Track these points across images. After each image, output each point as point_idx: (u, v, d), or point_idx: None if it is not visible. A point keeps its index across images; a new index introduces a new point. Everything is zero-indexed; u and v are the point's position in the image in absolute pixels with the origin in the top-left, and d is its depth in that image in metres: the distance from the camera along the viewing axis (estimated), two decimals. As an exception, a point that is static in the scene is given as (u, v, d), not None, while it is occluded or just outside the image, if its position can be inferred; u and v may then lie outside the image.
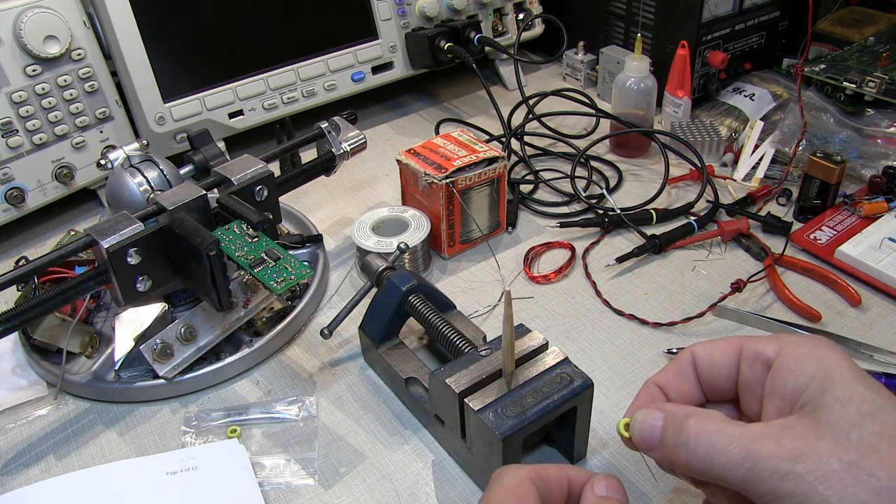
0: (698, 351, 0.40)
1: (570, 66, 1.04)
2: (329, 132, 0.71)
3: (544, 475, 0.37)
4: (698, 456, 0.34)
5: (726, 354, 0.39)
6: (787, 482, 0.32)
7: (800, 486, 0.31)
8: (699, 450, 0.34)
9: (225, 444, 0.54)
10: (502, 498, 0.35)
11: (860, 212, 0.72)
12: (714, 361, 0.39)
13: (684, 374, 0.40)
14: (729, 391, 0.39)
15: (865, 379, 0.34)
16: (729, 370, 0.39)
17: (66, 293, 0.53)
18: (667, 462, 0.37)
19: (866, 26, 0.96)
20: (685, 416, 0.36)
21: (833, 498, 0.31)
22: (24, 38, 0.71)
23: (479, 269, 0.71)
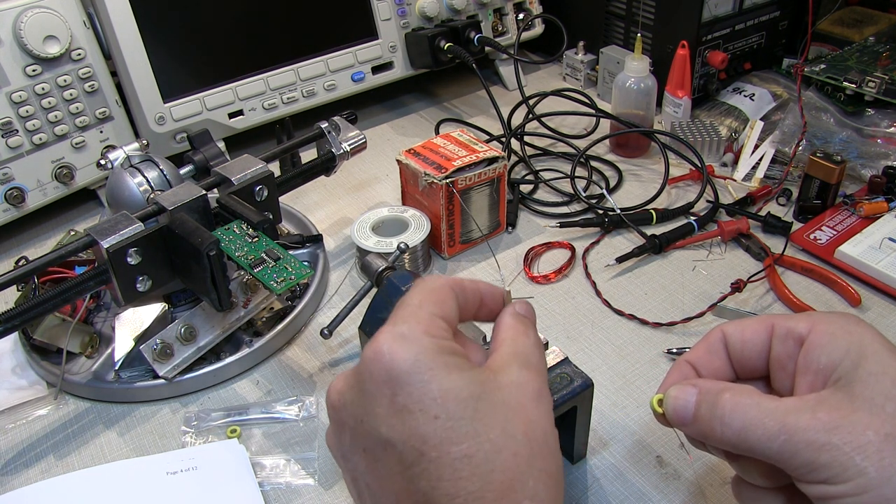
0: (729, 329, 0.41)
1: (570, 66, 1.04)
2: (329, 132, 0.71)
3: (461, 285, 0.39)
4: (734, 429, 0.35)
5: (757, 332, 0.39)
6: (823, 453, 0.32)
7: (837, 457, 0.32)
8: (735, 423, 0.35)
9: (225, 444, 0.54)
10: (426, 297, 0.37)
11: (860, 212, 0.72)
12: (745, 339, 0.40)
13: (715, 351, 0.41)
14: (760, 368, 0.40)
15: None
16: (760, 347, 0.39)
17: (66, 293, 0.53)
18: (700, 436, 0.38)
19: (866, 26, 0.96)
20: (719, 391, 0.36)
21: (870, 468, 0.31)
22: (24, 38, 0.71)
23: (479, 269, 0.71)
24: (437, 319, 0.36)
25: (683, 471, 0.51)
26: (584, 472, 0.51)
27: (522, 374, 0.36)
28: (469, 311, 0.40)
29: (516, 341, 0.38)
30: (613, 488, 0.50)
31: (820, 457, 0.32)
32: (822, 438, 0.32)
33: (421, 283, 0.38)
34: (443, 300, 0.37)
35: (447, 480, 0.32)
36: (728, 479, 0.50)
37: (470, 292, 0.39)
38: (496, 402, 0.34)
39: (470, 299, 0.39)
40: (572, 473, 0.51)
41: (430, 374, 0.34)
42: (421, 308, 0.36)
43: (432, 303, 0.37)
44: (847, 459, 0.32)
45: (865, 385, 0.33)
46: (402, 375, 0.34)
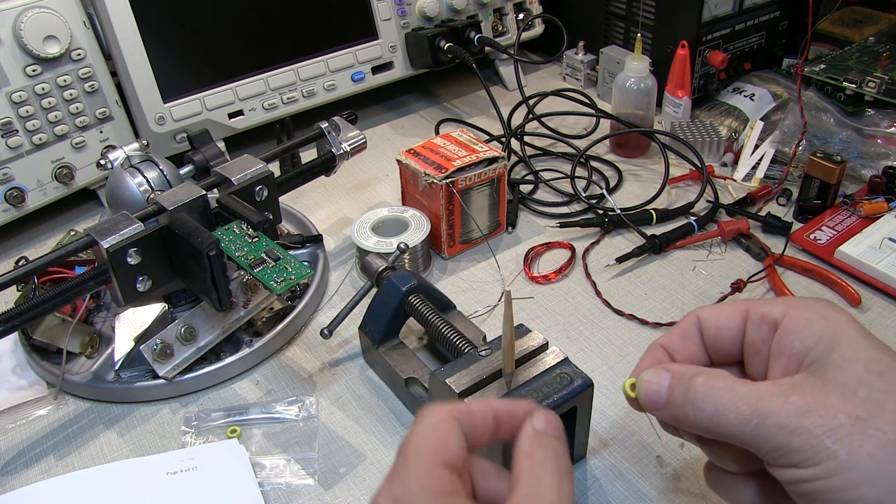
0: (704, 314, 0.40)
1: (570, 66, 1.04)
2: (329, 132, 0.71)
3: (467, 411, 0.36)
4: (707, 413, 0.35)
5: (732, 317, 0.39)
6: (795, 437, 0.32)
7: (808, 441, 0.32)
8: (707, 407, 0.35)
9: (225, 444, 0.54)
10: (424, 436, 0.34)
11: (860, 212, 0.72)
12: (720, 324, 0.39)
13: (690, 336, 0.40)
14: (734, 353, 0.39)
15: (872, 339, 0.35)
16: (735, 332, 0.39)
17: (66, 293, 0.53)
18: (673, 421, 0.37)
19: (866, 26, 0.96)
20: (693, 375, 0.36)
21: (840, 451, 0.31)
22: (24, 38, 0.71)
23: (479, 269, 0.71)
24: (436, 469, 0.33)
25: (683, 471, 0.51)
26: (584, 472, 0.51)
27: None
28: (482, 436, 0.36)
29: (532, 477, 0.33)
30: (613, 488, 0.50)
31: (791, 440, 0.32)
32: (794, 422, 0.32)
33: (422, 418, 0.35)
34: (443, 440, 0.34)
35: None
36: (728, 479, 0.50)
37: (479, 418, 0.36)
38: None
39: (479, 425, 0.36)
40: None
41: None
42: (419, 458, 0.33)
43: (431, 448, 0.34)
44: (818, 443, 0.32)
45: (839, 369, 0.33)
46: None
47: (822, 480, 0.32)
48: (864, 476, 0.31)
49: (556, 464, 0.34)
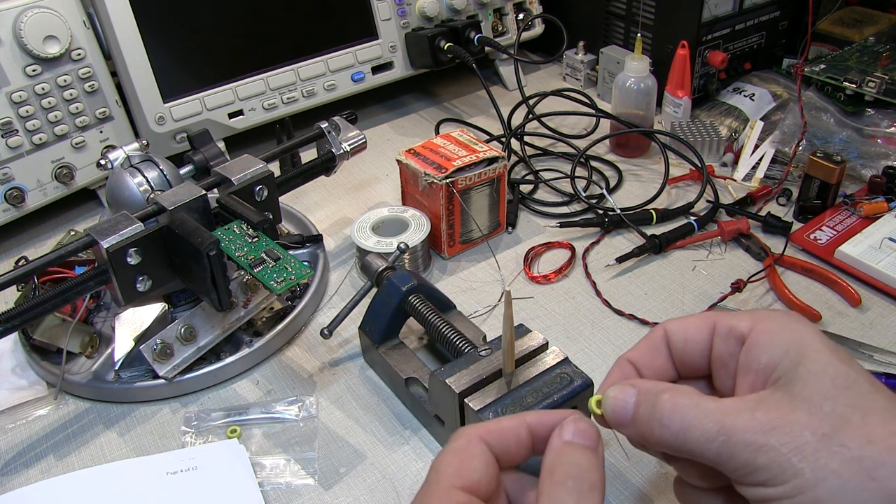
0: (671, 327, 0.40)
1: (570, 66, 1.04)
2: (329, 132, 0.71)
3: (497, 430, 0.35)
4: (672, 430, 0.34)
5: (700, 330, 0.39)
6: (761, 455, 0.32)
7: (774, 459, 0.31)
8: (673, 424, 0.34)
9: (225, 444, 0.54)
10: (448, 461, 0.34)
11: (860, 212, 0.72)
12: (687, 337, 0.39)
13: (657, 349, 0.40)
14: (702, 367, 0.39)
15: (839, 353, 0.34)
16: (702, 346, 0.38)
17: (66, 293, 0.53)
18: (640, 438, 0.37)
19: (866, 26, 0.96)
20: (659, 392, 0.35)
21: (806, 470, 0.31)
22: (24, 38, 0.71)
23: (479, 269, 0.71)
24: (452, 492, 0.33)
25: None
26: (584, 472, 0.51)
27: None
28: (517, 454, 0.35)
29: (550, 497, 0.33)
30: (613, 488, 0.50)
31: (758, 458, 0.32)
32: (760, 440, 0.32)
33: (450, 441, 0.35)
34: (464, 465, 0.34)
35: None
36: (728, 479, 0.50)
37: (511, 435, 0.35)
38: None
39: (512, 444, 0.35)
40: (572, 473, 0.51)
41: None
42: (437, 484, 0.33)
43: (452, 471, 0.33)
44: (784, 461, 0.31)
45: (805, 384, 0.33)
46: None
47: (789, 499, 0.31)
48: (830, 494, 0.31)
49: (576, 483, 0.33)
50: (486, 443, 0.34)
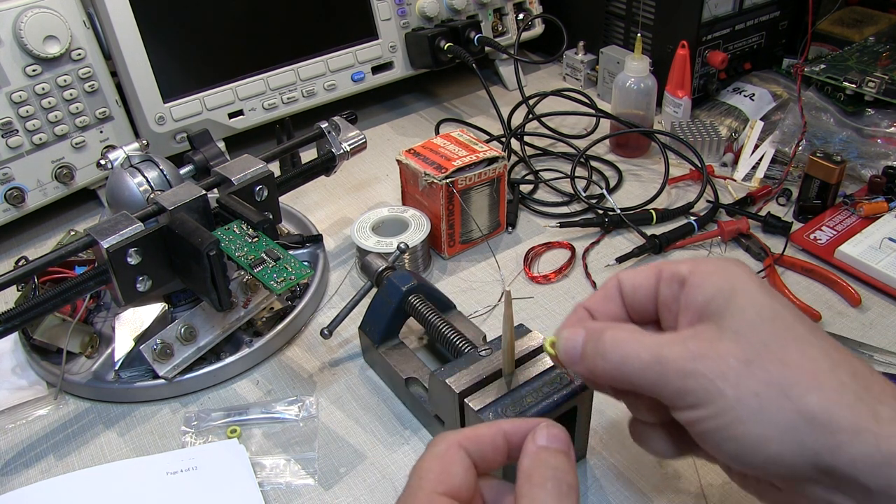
0: (623, 276, 0.42)
1: (570, 66, 1.04)
2: (329, 132, 0.71)
3: (474, 436, 0.36)
4: (613, 362, 0.37)
5: (647, 277, 0.41)
6: (690, 380, 0.34)
7: (702, 383, 0.34)
8: (614, 357, 0.37)
9: (225, 444, 0.54)
10: (430, 466, 0.35)
11: (860, 212, 0.72)
12: (636, 284, 0.41)
13: (610, 297, 0.42)
14: (650, 311, 0.41)
15: (768, 289, 0.37)
16: (649, 291, 0.41)
17: (66, 293, 0.53)
18: (588, 373, 0.39)
19: (866, 26, 0.96)
20: (603, 329, 0.38)
21: (729, 392, 0.34)
22: (24, 38, 0.71)
23: (479, 269, 0.71)
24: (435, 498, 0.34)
25: (683, 471, 0.51)
26: (584, 472, 0.51)
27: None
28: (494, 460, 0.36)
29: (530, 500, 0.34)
30: (613, 488, 0.50)
31: (687, 384, 0.34)
32: (690, 367, 0.35)
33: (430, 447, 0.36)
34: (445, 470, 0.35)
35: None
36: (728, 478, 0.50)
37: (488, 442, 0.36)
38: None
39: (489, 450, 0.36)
40: (572, 473, 0.51)
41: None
42: (420, 489, 0.34)
43: (433, 478, 0.34)
44: (710, 384, 0.34)
45: (733, 317, 0.35)
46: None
47: (714, 419, 0.34)
48: (749, 413, 0.33)
49: (555, 484, 0.34)
50: (465, 449, 0.36)
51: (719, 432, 0.34)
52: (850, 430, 0.32)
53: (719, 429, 0.34)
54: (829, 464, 0.32)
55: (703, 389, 0.34)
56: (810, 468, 0.33)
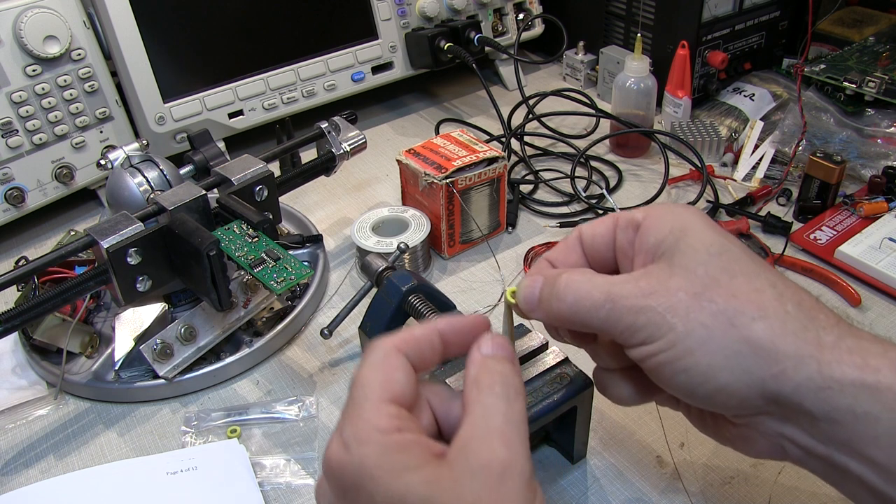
0: (584, 227, 0.43)
1: (570, 66, 1.04)
2: (329, 132, 0.71)
3: (412, 339, 0.37)
4: (567, 303, 0.38)
5: (605, 225, 0.42)
6: (641, 316, 0.35)
7: (652, 318, 0.35)
8: (568, 297, 0.38)
9: (225, 444, 0.54)
10: (371, 376, 0.35)
11: (860, 212, 0.72)
12: (595, 233, 0.42)
13: (571, 248, 0.43)
14: (610, 259, 0.42)
15: (717, 228, 0.38)
16: (607, 238, 0.41)
17: (66, 293, 0.53)
18: (546, 317, 0.40)
19: (866, 26, 0.96)
20: (558, 273, 0.39)
21: (678, 324, 0.35)
22: (24, 38, 0.71)
23: (479, 269, 0.71)
24: (382, 406, 0.34)
25: (683, 471, 0.51)
26: (584, 472, 0.51)
27: (482, 454, 0.32)
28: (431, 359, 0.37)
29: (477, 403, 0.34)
30: (613, 488, 0.50)
31: (638, 319, 0.35)
32: (641, 303, 0.35)
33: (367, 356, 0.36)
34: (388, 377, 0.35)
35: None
36: (728, 478, 0.50)
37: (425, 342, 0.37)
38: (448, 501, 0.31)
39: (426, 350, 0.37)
40: (572, 473, 0.51)
41: (373, 483, 0.32)
42: (366, 399, 0.34)
43: (378, 386, 0.34)
44: (660, 319, 0.35)
45: (683, 255, 0.36)
46: (349, 488, 0.33)
47: (665, 352, 0.35)
48: (697, 343, 0.34)
49: (503, 388, 0.35)
50: (404, 353, 0.36)
51: (671, 365, 0.35)
52: (793, 357, 0.33)
53: (670, 361, 0.35)
54: (775, 391, 0.34)
55: (653, 324, 0.35)
56: (758, 397, 0.34)
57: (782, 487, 0.49)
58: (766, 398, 0.34)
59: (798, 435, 0.35)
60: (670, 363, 0.35)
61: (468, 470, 0.32)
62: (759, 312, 0.34)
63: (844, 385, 0.33)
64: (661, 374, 0.36)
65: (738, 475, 0.50)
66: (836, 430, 0.33)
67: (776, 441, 0.36)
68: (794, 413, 0.34)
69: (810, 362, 0.33)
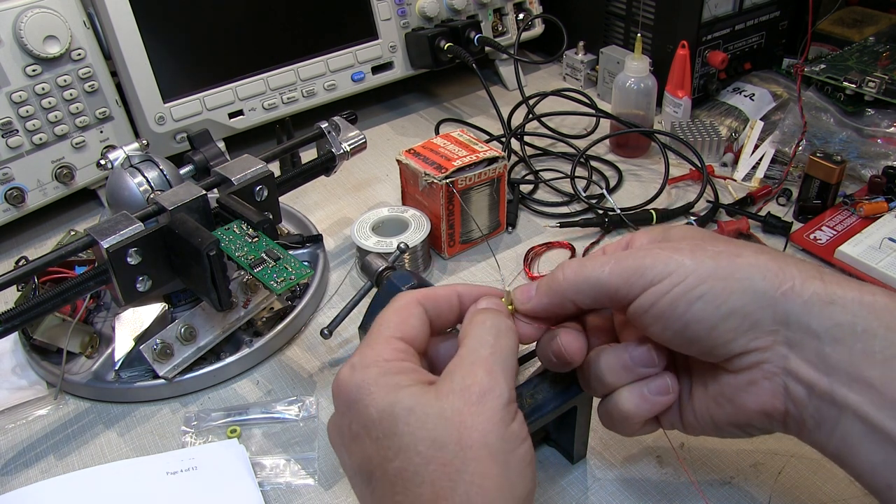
0: None
1: (570, 66, 1.04)
2: (329, 132, 0.71)
3: (432, 295, 0.41)
4: (572, 269, 0.40)
5: None
6: (647, 258, 0.38)
7: (658, 256, 0.38)
8: (571, 266, 0.40)
9: (225, 444, 0.54)
10: (389, 318, 0.39)
11: (860, 212, 0.72)
12: None
13: None
14: None
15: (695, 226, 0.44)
16: None
17: (66, 293, 0.53)
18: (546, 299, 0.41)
19: (866, 26, 0.96)
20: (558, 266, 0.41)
21: (686, 259, 0.37)
22: (24, 38, 0.71)
23: (479, 269, 0.71)
24: (392, 341, 0.38)
25: (683, 471, 0.51)
26: (584, 472, 0.51)
27: (466, 378, 0.36)
28: (447, 317, 0.41)
29: (469, 336, 0.38)
30: (613, 488, 0.50)
31: (645, 261, 0.38)
32: (644, 251, 0.38)
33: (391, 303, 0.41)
34: (404, 319, 0.39)
35: (388, 497, 0.35)
36: (728, 478, 0.50)
37: (443, 300, 0.41)
38: (430, 413, 0.35)
39: (444, 307, 0.41)
40: (572, 473, 0.51)
41: (369, 397, 0.36)
42: (379, 335, 0.39)
43: (392, 325, 0.39)
44: (666, 256, 0.37)
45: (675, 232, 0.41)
46: (351, 404, 0.37)
47: (678, 285, 0.37)
48: (709, 272, 0.36)
49: (493, 325, 0.39)
50: (423, 305, 0.40)
51: (685, 296, 0.36)
52: (799, 277, 0.36)
53: (685, 292, 0.36)
54: (784, 309, 0.36)
55: (661, 263, 0.37)
56: (770, 319, 0.36)
57: (782, 487, 0.49)
58: (776, 319, 0.36)
59: (802, 368, 0.36)
60: (684, 294, 0.36)
61: (451, 389, 0.36)
62: (758, 251, 0.38)
63: (847, 301, 0.35)
64: (675, 310, 0.37)
65: (738, 475, 0.50)
66: (838, 352, 0.35)
67: (779, 382, 0.37)
68: (801, 337, 0.36)
69: (815, 282, 0.36)
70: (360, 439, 0.36)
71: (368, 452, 0.36)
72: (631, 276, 0.38)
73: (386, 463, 0.35)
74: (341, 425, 0.38)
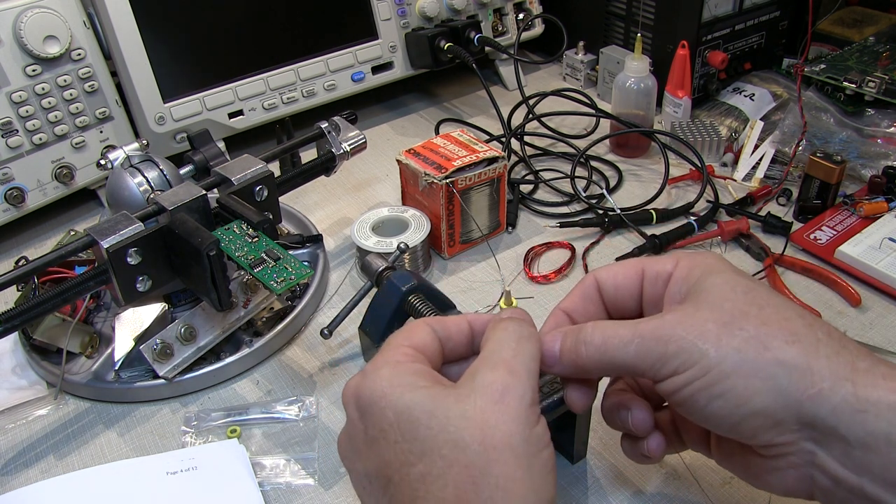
0: (602, 275, 0.43)
1: (570, 66, 1.04)
2: (329, 132, 0.71)
3: (442, 321, 0.40)
4: (595, 345, 0.38)
5: (629, 277, 0.42)
6: (671, 344, 0.36)
7: (682, 346, 0.35)
8: (595, 339, 0.38)
9: (225, 444, 0.54)
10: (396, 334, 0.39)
11: (860, 212, 0.72)
12: (618, 284, 0.42)
13: (589, 297, 0.43)
14: (633, 309, 0.42)
15: (742, 273, 0.39)
16: (633, 290, 0.42)
17: (66, 293, 0.53)
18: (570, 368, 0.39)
19: (866, 26, 0.96)
20: (582, 326, 0.39)
21: (710, 350, 0.35)
22: (24, 38, 0.71)
23: (479, 269, 0.71)
24: (402, 347, 0.38)
25: (683, 471, 0.51)
26: (584, 472, 0.51)
27: (487, 377, 0.36)
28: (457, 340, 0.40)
29: (490, 340, 0.38)
30: (613, 488, 0.50)
31: (668, 348, 0.36)
32: (669, 332, 0.36)
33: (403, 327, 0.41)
34: (413, 332, 0.39)
35: (407, 502, 0.34)
36: (728, 478, 0.50)
37: (452, 324, 0.40)
38: (451, 415, 0.34)
39: (454, 332, 0.40)
40: (572, 473, 0.51)
41: (385, 400, 0.35)
42: (389, 345, 0.38)
43: (401, 336, 0.39)
44: (691, 346, 0.35)
45: (708, 293, 0.37)
46: (365, 408, 0.36)
47: (699, 379, 0.35)
48: (732, 367, 0.34)
49: (516, 330, 0.38)
50: (431, 326, 0.40)
51: (706, 391, 0.35)
52: (829, 378, 0.34)
53: (705, 388, 0.35)
54: (811, 413, 0.34)
55: (685, 352, 0.35)
56: (794, 420, 0.34)
57: (782, 487, 0.49)
58: (802, 421, 0.34)
59: (830, 463, 0.34)
60: (705, 389, 0.35)
61: (472, 389, 0.35)
62: (791, 337, 0.35)
63: (881, 409, 0.33)
64: (696, 403, 0.35)
65: (738, 475, 0.50)
66: (869, 457, 0.33)
67: (806, 472, 0.35)
68: (828, 438, 0.34)
69: (846, 384, 0.33)
70: (377, 444, 0.35)
71: (387, 457, 0.35)
72: (655, 362, 0.36)
73: (407, 467, 0.34)
74: (353, 433, 0.37)
